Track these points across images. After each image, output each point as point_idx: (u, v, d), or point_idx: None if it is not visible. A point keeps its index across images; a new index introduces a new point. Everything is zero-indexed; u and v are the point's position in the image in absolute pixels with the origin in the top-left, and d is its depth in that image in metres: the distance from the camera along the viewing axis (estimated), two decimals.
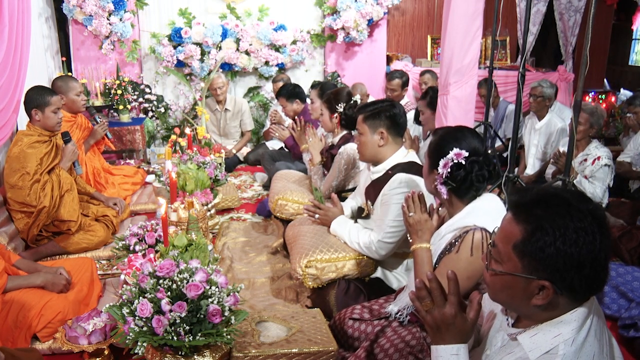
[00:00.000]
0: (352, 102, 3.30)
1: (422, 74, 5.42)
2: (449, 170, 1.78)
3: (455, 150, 1.78)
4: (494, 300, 1.23)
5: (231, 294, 1.80)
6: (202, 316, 1.70)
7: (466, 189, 1.79)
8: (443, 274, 1.73)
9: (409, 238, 1.97)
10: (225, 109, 5.29)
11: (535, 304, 1.09)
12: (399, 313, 1.94)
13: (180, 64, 5.48)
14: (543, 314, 1.12)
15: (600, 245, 1.04)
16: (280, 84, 4.98)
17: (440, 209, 2.00)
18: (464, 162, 1.77)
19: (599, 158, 3.56)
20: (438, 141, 1.86)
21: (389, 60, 6.15)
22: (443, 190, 1.81)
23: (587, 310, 1.10)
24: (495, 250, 1.16)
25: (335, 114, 3.32)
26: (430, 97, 3.60)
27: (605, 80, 7.08)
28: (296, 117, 3.89)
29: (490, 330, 1.36)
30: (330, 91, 3.42)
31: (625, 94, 6.68)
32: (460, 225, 1.78)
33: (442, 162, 1.80)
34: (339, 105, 3.29)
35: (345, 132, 3.34)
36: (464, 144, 1.80)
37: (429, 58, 6.30)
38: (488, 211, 1.78)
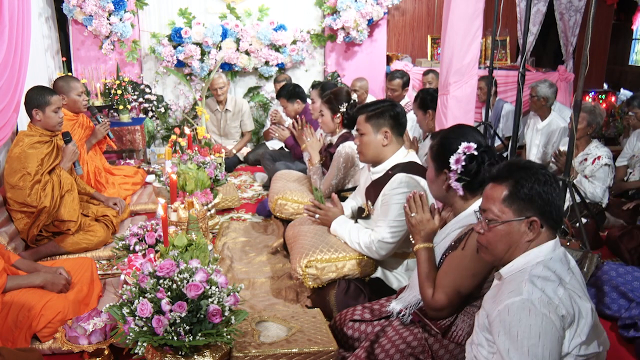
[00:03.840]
0: (352, 101, 3.30)
1: (426, 73, 5.41)
2: (462, 164, 1.79)
3: (464, 144, 1.79)
4: (493, 255, 1.50)
5: (231, 294, 1.80)
6: (202, 316, 1.70)
7: (479, 182, 1.80)
8: (448, 271, 1.75)
9: (411, 239, 1.97)
10: (226, 109, 5.29)
11: (528, 239, 1.44)
12: (402, 313, 1.94)
13: (180, 64, 5.48)
14: (525, 248, 1.45)
15: (557, 183, 1.45)
16: (283, 83, 4.99)
17: (443, 212, 2.00)
18: (475, 154, 1.78)
19: (599, 157, 3.56)
20: (441, 142, 1.86)
21: (389, 60, 6.15)
22: (458, 187, 1.81)
23: (552, 246, 1.45)
24: (487, 214, 1.47)
25: (338, 114, 3.31)
26: (420, 99, 3.60)
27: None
28: (297, 117, 3.89)
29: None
30: (330, 91, 3.41)
31: (625, 94, 6.68)
32: (467, 222, 1.80)
33: (453, 159, 1.80)
34: (341, 105, 3.28)
35: (344, 130, 3.34)
36: (470, 138, 1.82)
37: (429, 58, 6.30)
38: None
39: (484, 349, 1.47)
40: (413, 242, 1.93)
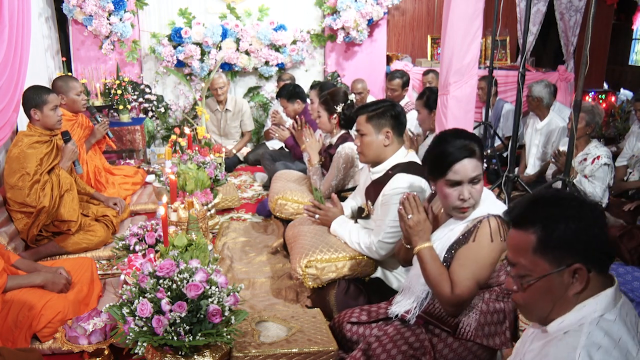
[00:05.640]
0: (349, 101, 3.30)
1: (426, 73, 5.41)
2: None
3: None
4: (535, 315, 1.24)
5: (231, 294, 1.80)
6: (202, 316, 1.70)
7: None
8: (465, 264, 1.76)
9: (404, 241, 1.97)
10: (226, 109, 5.29)
11: (575, 291, 1.15)
12: (408, 317, 1.92)
13: (180, 64, 5.48)
14: (575, 301, 1.18)
15: (595, 211, 1.16)
16: (287, 82, 5.00)
17: (432, 207, 2.01)
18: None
19: (598, 157, 3.56)
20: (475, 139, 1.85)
21: (389, 60, 6.15)
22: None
23: (611, 295, 1.15)
24: (517, 269, 1.21)
25: (335, 115, 3.31)
26: (427, 97, 3.60)
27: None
28: (297, 117, 3.89)
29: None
30: (326, 92, 3.40)
31: (625, 93, 6.68)
32: (472, 216, 1.80)
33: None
34: (338, 105, 3.28)
35: (343, 131, 3.34)
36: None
37: (429, 58, 6.30)
38: (494, 201, 1.84)
39: None
40: (411, 244, 1.90)
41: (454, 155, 1.78)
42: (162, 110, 5.54)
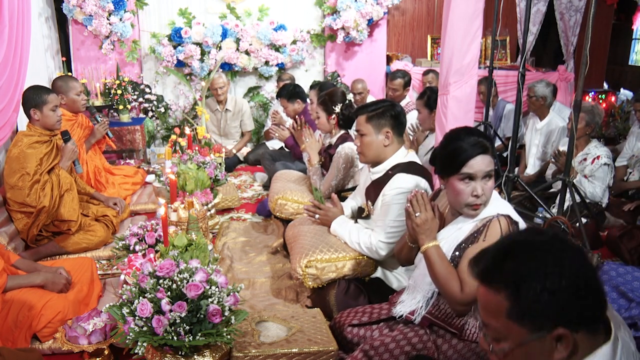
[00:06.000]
0: (347, 101, 3.30)
1: (426, 73, 5.41)
2: None
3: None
4: None
5: (231, 294, 1.80)
6: (202, 316, 1.70)
7: None
8: None
9: (409, 240, 1.96)
10: (226, 109, 5.29)
11: (561, 358, 0.97)
12: (414, 317, 1.91)
13: (180, 64, 5.48)
14: None
15: (579, 261, 0.98)
16: (286, 82, 5.01)
17: (438, 205, 2.00)
18: None
19: (598, 157, 3.57)
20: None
21: (389, 60, 6.15)
22: None
23: (609, 353, 1.00)
24: (490, 331, 1.04)
25: (333, 115, 3.31)
26: (427, 97, 3.60)
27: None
28: (297, 117, 3.89)
29: None
30: (324, 93, 3.40)
31: (625, 93, 6.68)
32: (481, 216, 1.80)
33: None
34: (336, 106, 3.28)
35: (342, 131, 3.34)
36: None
37: (429, 58, 6.30)
38: (502, 201, 1.84)
39: None
40: (417, 242, 1.88)
41: (468, 152, 1.77)
42: (162, 110, 5.54)
